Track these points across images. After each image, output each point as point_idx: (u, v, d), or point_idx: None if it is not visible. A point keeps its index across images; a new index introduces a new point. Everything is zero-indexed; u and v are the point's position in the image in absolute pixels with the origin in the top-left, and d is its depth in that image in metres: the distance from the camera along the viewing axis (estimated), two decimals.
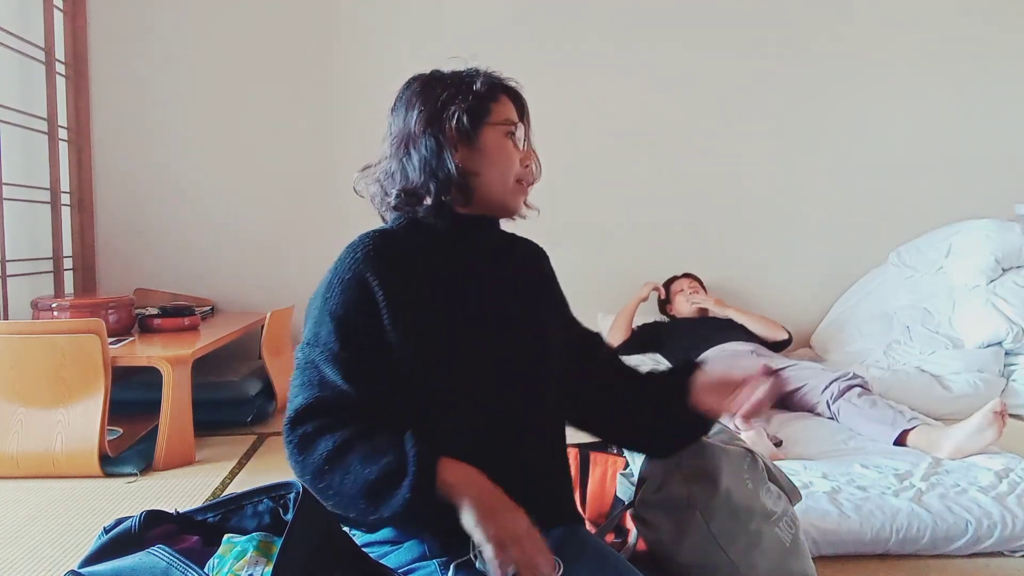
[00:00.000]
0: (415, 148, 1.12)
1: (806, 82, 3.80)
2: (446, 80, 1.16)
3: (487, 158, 1.13)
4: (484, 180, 1.13)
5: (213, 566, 0.88)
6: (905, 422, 2.28)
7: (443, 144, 1.11)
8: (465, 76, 1.16)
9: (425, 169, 1.11)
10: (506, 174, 1.15)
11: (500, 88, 1.17)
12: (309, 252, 3.70)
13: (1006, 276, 3.25)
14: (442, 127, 1.11)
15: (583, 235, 3.65)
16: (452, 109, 1.12)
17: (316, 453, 0.98)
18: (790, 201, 3.82)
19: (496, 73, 1.19)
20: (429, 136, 1.11)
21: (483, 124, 1.13)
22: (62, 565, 1.70)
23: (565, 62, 3.69)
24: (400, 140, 1.14)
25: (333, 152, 3.68)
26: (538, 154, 1.21)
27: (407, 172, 1.13)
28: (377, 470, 0.94)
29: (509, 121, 1.16)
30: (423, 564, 1.04)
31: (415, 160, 1.12)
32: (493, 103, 1.15)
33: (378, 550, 1.09)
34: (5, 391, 2.34)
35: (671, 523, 1.26)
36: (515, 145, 1.16)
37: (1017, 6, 3.82)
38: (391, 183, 1.15)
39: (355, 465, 0.96)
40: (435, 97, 1.13)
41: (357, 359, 1.03)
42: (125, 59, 3.62)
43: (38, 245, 3.32)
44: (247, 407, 2.93)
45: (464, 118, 1.11)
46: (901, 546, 1.68)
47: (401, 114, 1.16)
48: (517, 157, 1.16)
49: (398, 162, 1.14)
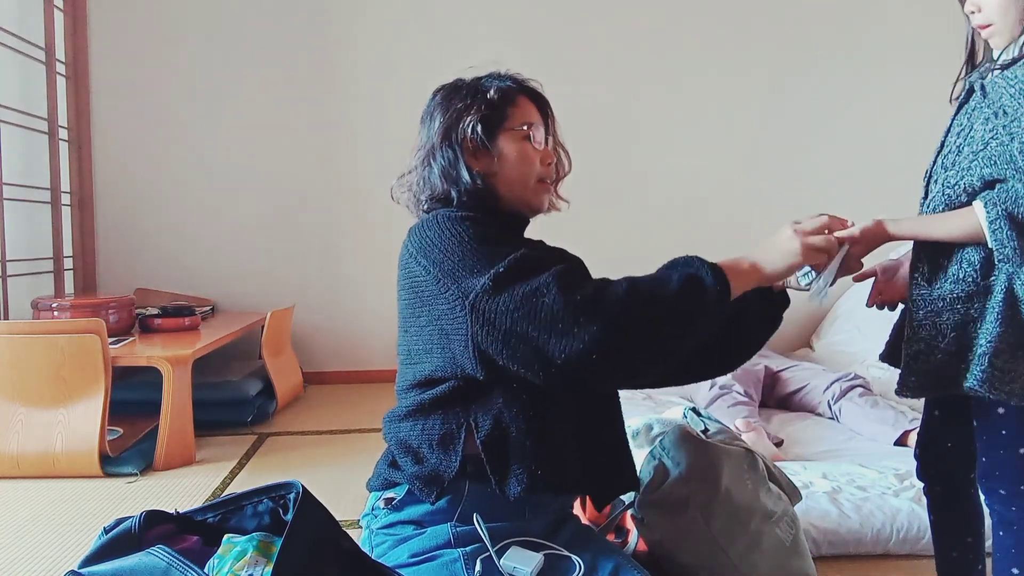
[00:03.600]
0: (435, 160, 1.17)
1: (812, 82, 3.80)
2: (463, 90, 1.19)
3: (506, 163, 1.17)
4: (505, 183, 1.17)
5: (213, 566, 0.88)
6: (907, 422, 2.28)
7: (459, 154, 1.15)
8: (482, 83, 1.20)
9: (447, 178, 1.15)
10: (526, 176, 1.18)
11: (517, 91, 1.20)
12: (309, 252, 3.70)
13: None
14: (459, 137, 1.15)
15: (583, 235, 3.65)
16: (468, 119, 1.15)
17: (611, 298, 0.94)
18: (791, 201, 3.81)
19: (514, 75, 1.22)
20: (447, 147, 1.16)
21: (499, 131, 1.16)
22: (62, 565, 1.70)
23: (574, 58, 3.70)
24: (425, 151, 1.19)
25: (333, 152, 3.67)
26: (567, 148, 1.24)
27: (432, 181, 1.17)
28: (678, 282, 0.98)
29: (527, 123, 1.18)
30: (446, 552, 1.04)
31: (436, 170, 1.16)
32: (510, 107, 1.18)
33: (401, 532, 1.10)
34: (5, 391, 2.34)
35: (671, 523, 1.26)
36: (534, 146, 1.18)
37: None
38: (420, 191, 1.20)
39: (658, 289, 0.97)
40: (453, 108, 1.17)
41: (540, 255, 1.02)
42: (125, 59, 3.62)
43: (38, 245, 3.32)
44: (247, 407, 2.93)
45: (479, 127, 1.15)
46: (901, 546, 1.68)
47: (427, 125, 1.20)
48: (537, 158, 1.19)
49: (425, 172, 1.18)
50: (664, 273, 1.02)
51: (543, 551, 1.03)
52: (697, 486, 1.25)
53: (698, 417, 1.63)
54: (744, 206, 3.81)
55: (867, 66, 3.81)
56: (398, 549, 1.08)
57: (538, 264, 0.98)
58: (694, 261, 1.02)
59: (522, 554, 1.01)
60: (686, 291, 0.97)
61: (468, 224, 1.06)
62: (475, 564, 1.01)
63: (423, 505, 1.09)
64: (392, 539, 1.10)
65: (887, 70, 3.81)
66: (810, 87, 3.82)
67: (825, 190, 3.82)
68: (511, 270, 0.96)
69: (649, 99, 3.78)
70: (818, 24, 3.81)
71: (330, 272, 3.73)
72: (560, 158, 1.25)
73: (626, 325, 0.93)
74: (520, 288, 0.94)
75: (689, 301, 0.97)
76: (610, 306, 0.93)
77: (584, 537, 1.13)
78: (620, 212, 3.78)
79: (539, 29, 3.72)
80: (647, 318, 0.95)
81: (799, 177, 3.83)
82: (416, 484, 1.08)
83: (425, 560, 1.04)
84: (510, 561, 0.99)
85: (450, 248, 1.03)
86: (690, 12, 3.77)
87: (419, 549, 1.06)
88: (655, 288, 0.98)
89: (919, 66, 3.80)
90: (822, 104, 3.82)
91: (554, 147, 1.24)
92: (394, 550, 1.08)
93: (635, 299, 0.94)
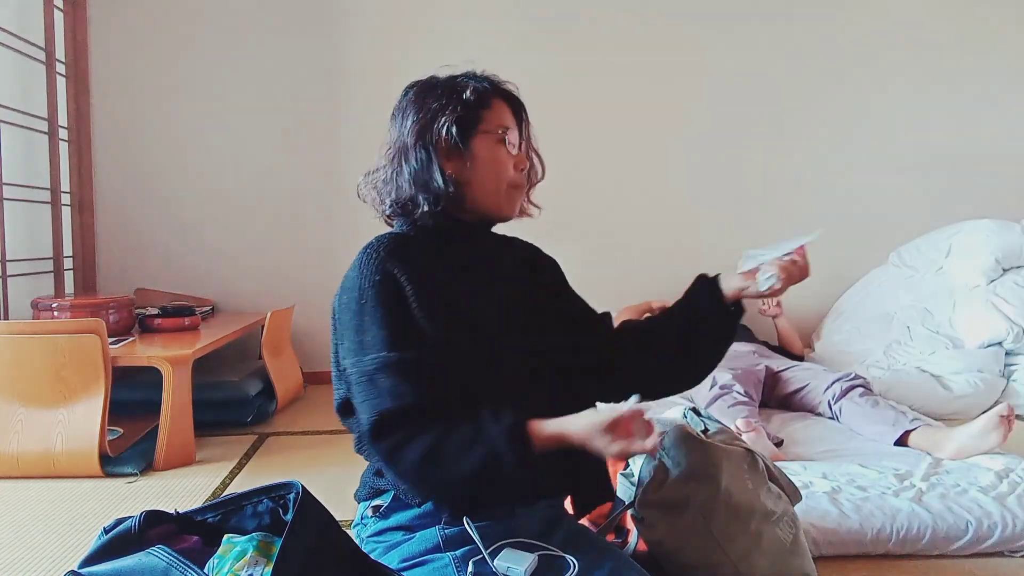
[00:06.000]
0: (407, 161, 1.13)
1: (807, 82, 3.80)
2: (438, 89, 1.15)
3: (479, 167, 1.13)
4: (477, 188, 1.14)
5: (213, 566, 0.88)
6: (907, 422, 2.28)
7: (433, 156, 1.12)
8: (458, 83, 1.15)
9: (416, 182, 1.12)
10: (499, 181, 1.15)
11: (492, 93, 1.16)
12: (309, 252, 3.70)
13: (1006, 276, 3.25)
14: (433, 138, 1.12)
15: (582, 235, 3.65)
16: (443, 120, 1.12)
17: (407, 462, 1.00)
18: (790, 201, 3.82)
19: (491, 76, 1.18)
20: (421, 148, 1.12)
21: (474, 133, 1.13)
22: (62, 565, 1.70)
23: (570, 59, 3.70)
24: (395, 150, 1.15)
25: (334, 152, 3.68)
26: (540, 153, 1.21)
27: (400, 184, 1.14)
28: (473, 463, 0.97)
29: (502, 127, 1.15)
30: (436, 556, 1.04)
31: (406, 173, 1.13)
32: (485, 110, 1.14)
33: (391, 538, 1.09)
34: (5, 391, 2.34)
35: (671, 523, 1.26)
36: (508, 150, 1.15)
37: (1018, 7, 3.82)
38: (386, 192, 1.16)
39: (450, 466, 0.98)
40: (427, 107, 1.13)
41: (410, 357, 1.03)
42: (125, 59, 3.62)
43: (38, 245, 3.32)
44: (247, 407, 2.93)
45: (454, 129, 1.11)
46: (901, 546, 1.68)
47: (397, 122, 1.17)
48: (511, 163, 1.16)
49: (392, 172, 1.15)
50: (471, 437, 0.99)
51: (537, 552, 1.02)
52: (697, 486, 1.25)
53: (698, 417, 1.63)
54: (736, 206, 3.81)
55: (859, 68, 3.81)
56: (388, 556, 1.08)
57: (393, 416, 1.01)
58: (503, 439, 0.97)
59: (515, 555, 1.00)
60: (479, 473, 0.98)
61: (375, 291, 1.06)
62: (467, 566, 1.00)
63: (411, 509, 1.09)
64: (382, 546, 1.10)
65: (876, 72, 3.81)
66: (797, 88, 3.82)
67: (826, 190, 3.83)
68: (375, 433, 1.02)
69: (651, 99, 3.78)
70: (818, 26, 3.81)
71: (330, 272, 3.70)
72: (533, 163, 1.22)
73: (414, 484, 1.03)
74: (376, 447, 1.03)
75: (482, 480, 0.99)
76: (403, 469, 1.01)
77: (580, 538, 1.11)
78: (618, 212, 3.78)
79: (538, 29, 3.72)
80: (436, 484, 1.01)
81: (803, 177, 3.83)
82: (401, 489, 1.09)
83: (416, 565, 1.04)
84: (503, 562, 0.99)
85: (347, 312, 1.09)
86: (679, 11, 3.78)
87: (409, 554, 1.05)
88: (451, 463, 0.98)
89: (920, 66, 3.81)
90: (822, 103, 3.82)
91: (527, 152, 1.21)
92: (384, 557, 1.08)
93: (426, 471, 1.00)
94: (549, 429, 1.00)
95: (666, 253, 3.74)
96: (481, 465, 0.97)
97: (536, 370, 1.15)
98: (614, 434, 0.95)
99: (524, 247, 1.32)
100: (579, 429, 0.98)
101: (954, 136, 3.80)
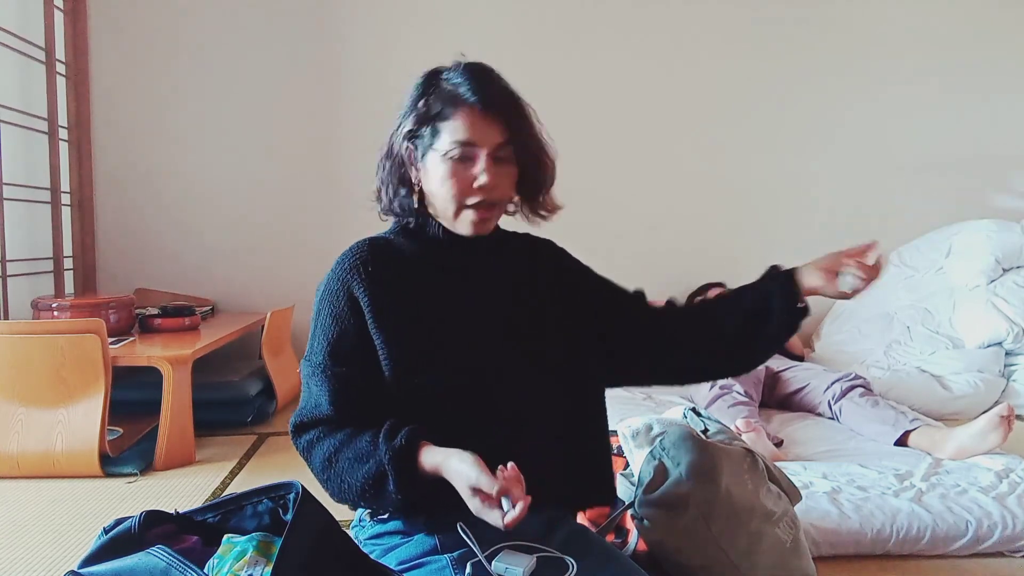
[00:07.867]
0: (383, 166, 1.14)
1: (809, 85, 3.80)
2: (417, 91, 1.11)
3: (430, 183, 1.10)
4: (436, 202, 1.11)
5: (213, 566, 0.88)
6: (907, 422, 2.28)
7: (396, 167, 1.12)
8: (431, 87, 1.09)
9: (388, 191, 1.13)
10: (447, 201, 1.08)
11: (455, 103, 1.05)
12: (309, 252, 3.70)
13: (1006, 276, 3.25)
14: (395, 149, 1.12)
15: (582, 236, 3.65)
16: (403, 128, 1.10)
17: (314, 462, 1.08)
18: (791, 201, 3.82)
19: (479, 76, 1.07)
20: (388, 156, 1.13)
21: (427, 150, 1.08)
22: (62, 565, 1.70)
23: (570, 59, 3.70)
24: (382, 153, 1.15)
25: (334, 152, 3.68)
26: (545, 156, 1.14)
27: (381, 186, 1.15)
28: (363, 477, 1.01)
29: (458, 143, 1.05)
30: (433, 559, 1.04)
31: (383, 177, 1.14)
32: (443, 122, 1.06)
33: (388, 541, 1.09)
34: (5, 391, 2.34)
35: (671, 523, 1.26)
36: (465, 167, 1.06)
37: (1018, 13, 3.82)
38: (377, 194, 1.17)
39: (345, 474, 1.03)
40: (401, 111, 1.12)
41: (344, 373, 1.07)
42: (125, 59, 3.62)
43: (38, 245, 3.32)
44: (247, 407, 2.93)
45: (407, 143, 1.10)
46: (901, 546, 1.68)
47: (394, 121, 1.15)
48: (466, 181, 1.06)
49: (378, 173, 1.15)
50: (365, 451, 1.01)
51: (536, 554, 1.02)
52: (697, 486, 1.25)
53: (698, 417, 1.63)
54: (736, 207, 3.81)
55: (857, 74, 3.81)
56: (386, 558, 1.07)
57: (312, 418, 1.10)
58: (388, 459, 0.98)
59: (514, 556, 1.00)
60: (367, 486, 1.01)
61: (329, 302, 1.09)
62: (464, 568, 1.00)
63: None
64: (379, 549, 1.10)
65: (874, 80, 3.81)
66: (798, 90, 3.82)
67: (826, 191, 3.83)
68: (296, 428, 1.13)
69: (654, 99, 3.78)
70: (823, 28, 3.81)
71: None
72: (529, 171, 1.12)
73: (322, 485, 1.07)
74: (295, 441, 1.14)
75: (375, 492, 1.01)
76: (312, 469, 1.09)
77: (580, 539, 1.10)
78: (625, 213, 3.78)
79: (538, 28, 3.72)
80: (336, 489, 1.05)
81: (803, 178, 3.83)
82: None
83: (413, 567, 1.04)
84: (501, 563, 0.99)
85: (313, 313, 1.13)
86: (680, 15, 3.78)
87: (406, 557, 1.05)
88: (346, 472, 1.03)
89: (921, 68, 3.81)
90: (824, 105, 3.82)
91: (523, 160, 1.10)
92: (382, 559, 1.08)
93: (326, 475, 1.06)
94: (431, 459, 0.97)
95: (666, 254, 3.73)
96: (370, 478, 1.00)
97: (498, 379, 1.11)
98: (479, 496, 0.92)
99: (522, 245, 1.26)
100: (452, 473, 0.95)
101: (954, 136, 3.80)
